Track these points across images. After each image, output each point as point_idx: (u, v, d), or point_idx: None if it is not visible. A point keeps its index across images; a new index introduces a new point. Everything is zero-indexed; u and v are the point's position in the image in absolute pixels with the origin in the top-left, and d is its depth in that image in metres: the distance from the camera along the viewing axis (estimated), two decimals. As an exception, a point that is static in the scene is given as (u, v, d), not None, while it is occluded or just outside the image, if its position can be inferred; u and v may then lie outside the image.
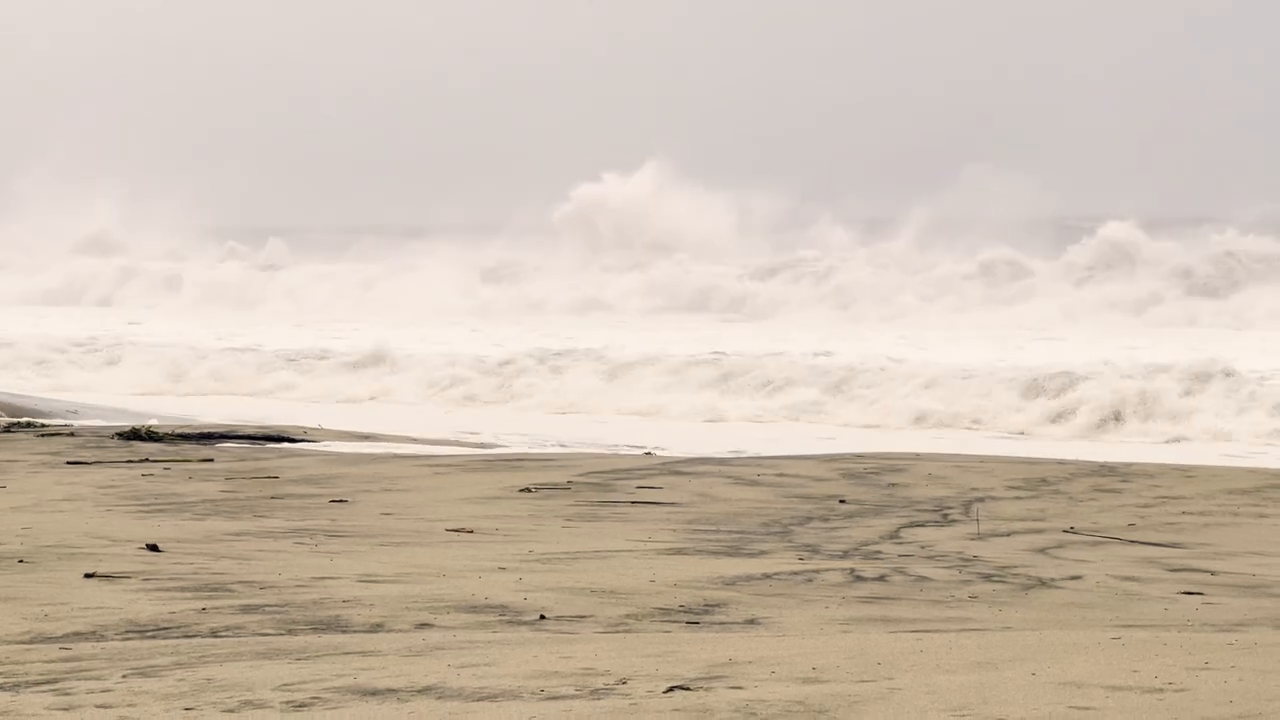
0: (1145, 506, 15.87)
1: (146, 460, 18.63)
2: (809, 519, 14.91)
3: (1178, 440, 24.11)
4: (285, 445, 20.94)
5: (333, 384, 31.32)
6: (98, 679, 7.65)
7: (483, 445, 21.89)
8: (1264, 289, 41.82)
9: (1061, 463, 19.24)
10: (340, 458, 19.54)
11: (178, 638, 9.06)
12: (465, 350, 33.21)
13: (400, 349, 32.99)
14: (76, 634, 9.16)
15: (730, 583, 11.16)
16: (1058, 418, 25.60)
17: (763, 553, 12.86)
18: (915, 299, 44.01)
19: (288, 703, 7.05)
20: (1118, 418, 25.19)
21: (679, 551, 12.75)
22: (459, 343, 35.01)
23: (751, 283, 47.08)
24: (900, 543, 13.56)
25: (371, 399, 30.20)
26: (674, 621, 9.78)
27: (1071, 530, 14.34)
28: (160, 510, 14.87)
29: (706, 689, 7.10)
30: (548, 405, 28.94)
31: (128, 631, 9.24)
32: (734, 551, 12.88)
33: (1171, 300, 42.29)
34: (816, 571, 11.78)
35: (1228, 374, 26.04)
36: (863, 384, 28.01)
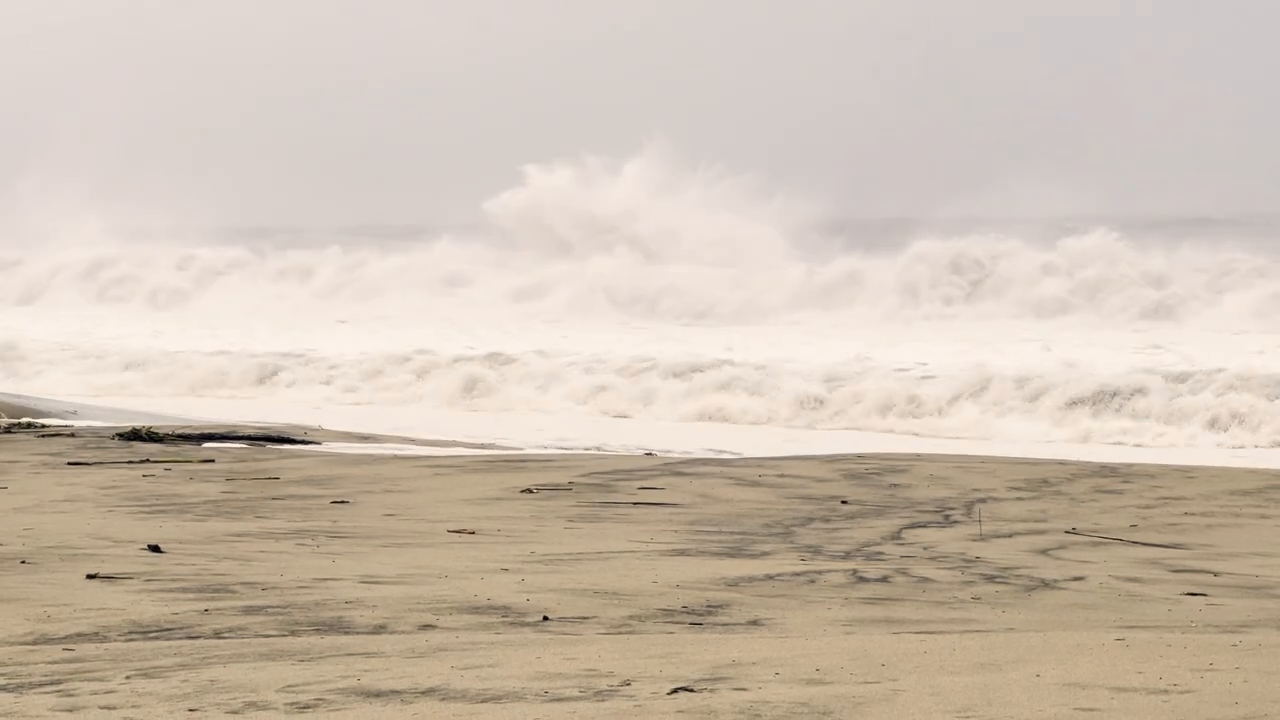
0: (1147, 507, 15.87)
1: (147, 461, 18.63)
2: (811, 520, 14.91)
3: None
4: (285, 446, 20.94)
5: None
6: (101, 680, 7.65)
7: (482, 445, 21.89)
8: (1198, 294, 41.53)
9: (1063, 463, 19.25)
10: (341, 458, 19.54)
11: (181, 639, 9.06)
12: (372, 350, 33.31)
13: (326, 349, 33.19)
14: (79, 635, 9.16)
15: (733, 584, 11.15)
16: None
17: (765, 554, 12.86)
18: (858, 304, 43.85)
19: (292, 704, 7.05)
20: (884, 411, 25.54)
21: (681, 552, 12.75)
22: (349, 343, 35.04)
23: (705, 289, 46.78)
24: (902, 544, 13.56)
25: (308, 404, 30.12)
26: (677, 623, 9.78)
27: (1073, 531, 14.34)
28: (162, 511, 14.87)
29: (711, 690, 7.10)
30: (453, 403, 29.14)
31: (131, 632, 9.23)
32: (736, 552, 12.88)
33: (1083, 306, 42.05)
34: (819, 572, 11.78)
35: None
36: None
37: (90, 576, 10.96)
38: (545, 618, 9.79)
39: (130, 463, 18.47)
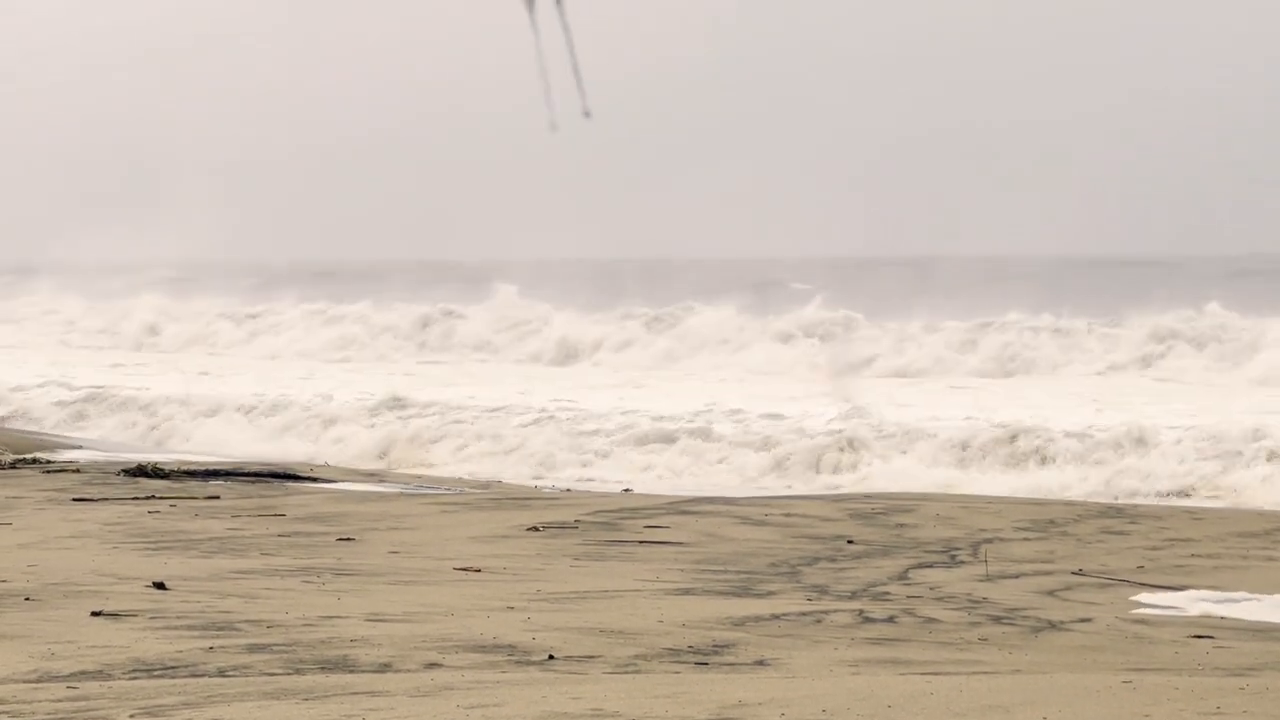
0: (1154, 549, 15.83)
1: (152, 497, 18.61)
2: (817, 559, 14.88)
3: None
4: (291, 483, 20.92)
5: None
6: (105, 719, 7.62)
7: (485, 485, 21.88)
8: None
9: (1069, 504, 19.22)
10: (347, 495, 19.52)
11: (185, 677, 9.03)
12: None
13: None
14: (83, 673, 9.13)
15: (739, 623, 11.12)
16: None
17: (771, 593, 12.83)
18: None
19: (296, 743, 7.02)
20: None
21: (687, 591, 12.72)
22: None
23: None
24: (909, 584, 13.53)
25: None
26: (683, 662, 9.75)
27: (1080, 572, 14.31)
28: (167, 548, 14.85)
29: (717, 731, 7.07)
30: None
31: (135, 670, 9.21)
32: (742, 592, 12.85)
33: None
34: (825, 612, 11.75)
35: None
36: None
37: (95, 614, 10.94)
38: (551, 656, 9.77)
39: (135, 499, 18.45)
